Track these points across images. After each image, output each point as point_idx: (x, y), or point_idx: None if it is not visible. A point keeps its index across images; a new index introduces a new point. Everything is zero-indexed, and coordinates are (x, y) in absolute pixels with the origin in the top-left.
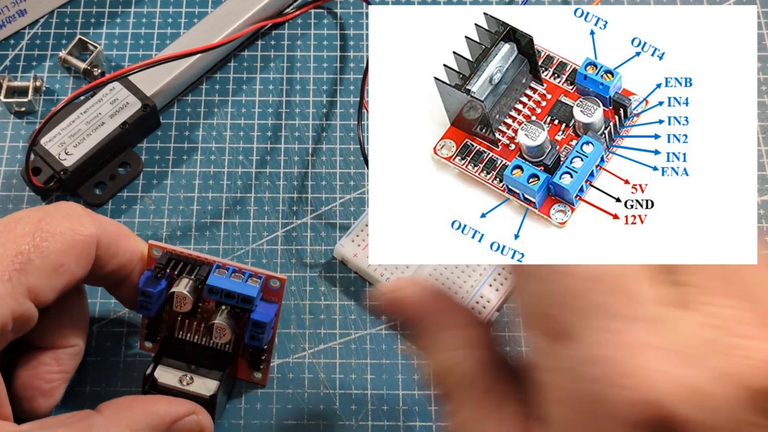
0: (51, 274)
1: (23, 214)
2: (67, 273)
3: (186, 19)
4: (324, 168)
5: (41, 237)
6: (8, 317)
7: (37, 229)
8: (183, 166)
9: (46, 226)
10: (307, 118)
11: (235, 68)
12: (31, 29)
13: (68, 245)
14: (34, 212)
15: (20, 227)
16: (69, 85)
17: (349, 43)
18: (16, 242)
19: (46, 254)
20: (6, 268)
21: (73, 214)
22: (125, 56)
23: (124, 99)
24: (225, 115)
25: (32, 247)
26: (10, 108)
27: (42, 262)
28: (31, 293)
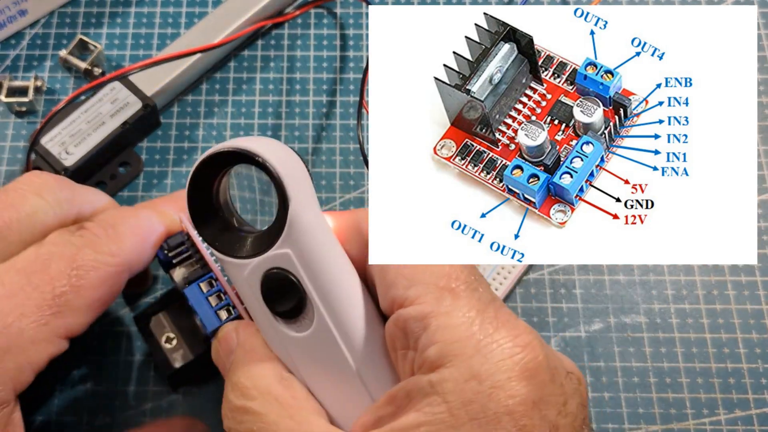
0: (87, 312)
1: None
2: (101, 306)
3: (186, 19)
4: (324, 168)
5: (77, 276)
6: (45, 361)
7: (72, 267)
8: (183, 165)
9: (80, 262)
10: (307, 118)
11: (235, 68)
12: (32, 29)
13: (102, 279)
14: (64, 247)
15: (54, 266)
16: (70, 84)
17: (349, 43)
18: (52, 284)
19: (82, 293)
20: (44, 313)
21: (99, 242)
22: (125, 56)
23: (124, 99)
24: (225, 115)
25: (69, 288)
26: (11, 108)
27: (79, 303)
28: (66, 332)
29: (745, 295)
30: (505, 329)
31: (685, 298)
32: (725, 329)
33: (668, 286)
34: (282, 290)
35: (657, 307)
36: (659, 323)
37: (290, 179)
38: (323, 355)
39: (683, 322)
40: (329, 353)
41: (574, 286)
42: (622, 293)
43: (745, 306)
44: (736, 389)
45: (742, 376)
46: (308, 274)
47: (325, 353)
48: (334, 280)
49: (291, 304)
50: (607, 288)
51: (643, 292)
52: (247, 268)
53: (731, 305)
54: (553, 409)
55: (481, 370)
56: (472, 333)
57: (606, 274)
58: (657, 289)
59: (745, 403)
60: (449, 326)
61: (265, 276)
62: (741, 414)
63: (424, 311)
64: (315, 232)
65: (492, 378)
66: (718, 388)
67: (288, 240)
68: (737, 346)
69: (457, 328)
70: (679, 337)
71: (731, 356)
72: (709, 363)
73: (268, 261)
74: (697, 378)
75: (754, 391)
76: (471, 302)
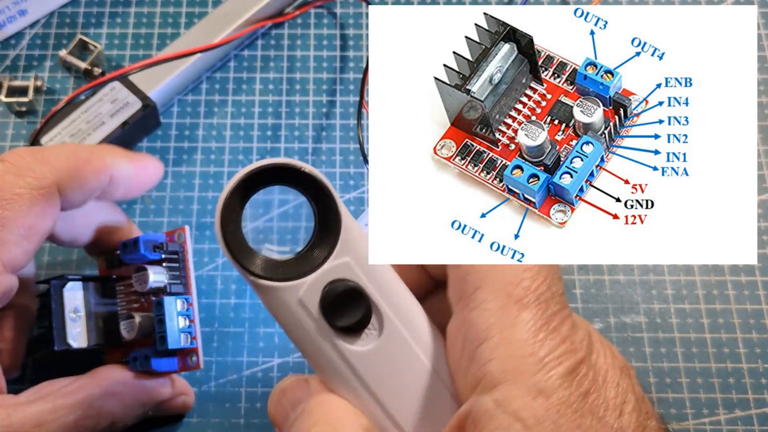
0: (21, 242)
1: None
2: (37, 233)
3: (186, 19)
4: (324, 168)
5: (1, 207)
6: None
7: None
8: (183, 165)
9: (0, 193)
10: (307, 118)
11: (235, 68)
12: (32, 29)
13: (30, 205)
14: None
15: None
16: (69, 84)
17: (349, 43)
18: None
19: (10, 224)
20: None
21: (23, 166)
22: (125, 56)
23: (124, 98)
24: (225, 115)
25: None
26: (11, 108)
27: (9, 235)
28: (7, 266)
29: (745, 295)
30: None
31: (685, 298)
32: (725, 329)
33: (668, 286)
34: (346, 302)
35: (657, 307)
36: (659, 323)
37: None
38: (396, 363)
39: (683, 322)
40: (402, 358)
41: (574, 286)
42: (622, 293)
43: (745, 306)
44: (736, 389)
45: (741, 376)
46: (370, 280)
47: (398, 359)
48: (393, 283)
49: (359, 315)
50: (607, 288)
51: (643, 292)
52: (301, 289)
53: (731, 305)
54: (614, 413)
55: (546, 387)
56: (534, 350)
57: (606, 274)
58: (657, 288)
59: (744, 403)
60: (511, 341)
61: (325, 292)
62: (741, 414)
63: (488, 321)
64: (365, 237)
65: (557, 395)
66: (717, 388)
67: (345, 248)
68: (737, 345)
69: (519, 343)
70: (679, 337)
71: (731, 356)
72: (708, 363)
73: (328, 274)
74: (696, 378)
75: (754, 391)
76: (537, 314)
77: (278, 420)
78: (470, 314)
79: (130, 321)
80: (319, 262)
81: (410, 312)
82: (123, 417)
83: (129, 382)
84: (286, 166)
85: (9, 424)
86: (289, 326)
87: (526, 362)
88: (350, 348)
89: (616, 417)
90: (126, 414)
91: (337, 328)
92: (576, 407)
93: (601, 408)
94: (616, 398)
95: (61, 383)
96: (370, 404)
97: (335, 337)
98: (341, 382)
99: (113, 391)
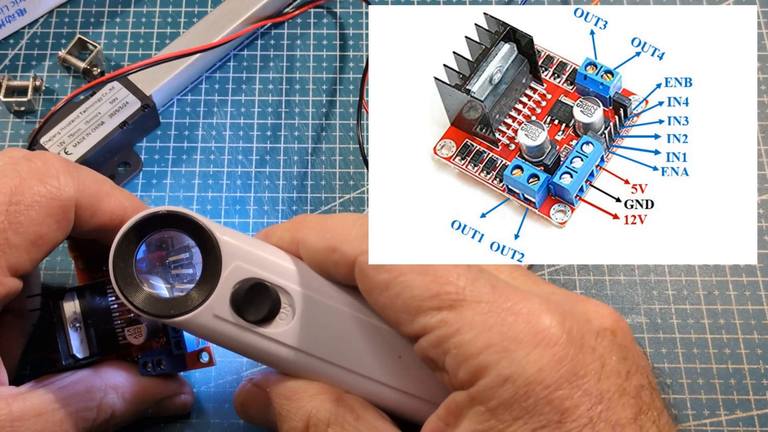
0: (30, 248)
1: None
2: (46, 243)
3: (186, 18)
4: (324, 168)
5: (16, 211)
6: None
7: (11, 201)
8: (183, 165)
9: (20, 197)
10: (306, 118)
11: (235, 68)
12: (31, 29)
13: (45, 214)
14: (6, 177)
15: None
16: (68, 84)
17: (349, 42)
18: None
19: (23, 230)
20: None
21: (49, 173)
22: (125, 56)
23: (123, 98)
24: (225, 115)
25: (8, 225)
26: (9, 107)
27: (20, 240)
28: (11, 270)
29: (746, 296)
30: (521, 318)
31: (686, 299)
32: (726, 330)
33: (669, 287)
34: (253, 296)
35: (658, 307)
36: (660, 323)
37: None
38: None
39: (684, 323)
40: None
41: (575, 286)
42: (623, 293)
43: (747, 306)
44: (738, 390)
45: (743, 377)
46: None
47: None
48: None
49: (270, 300)
50: (608, 288)
51: (644, 293)
52: (212, 305)
53: (732, 305)
54: (593, 378)
55: (510, 372)
56: (490, 340)
57: (606, 274)
58: (658, 289)
59: (746, 404)
60: (466, 343)
61: (232, 298)
62: (742, 415)
63: (436, 339)
64: (243, 237)
65: (522, 376)
66: (719, 389)
67: (230, 254)
68: (738, 346)
69: (474, 341)
70: (680, 338)
71: (732, 357)
72: (710, 364)
73: (226, 283)
74: (698, 379)
75: (756, 392)
76: (475, 307)
77: (261, 424)
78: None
79: (136, 327)
80: (215, 279)
81: (305, 275)
82: (123, 412)
83: (130, 376)
84: (164, 214)
85: (8, 413)
86: (222, 341)
87: (486, 357)
88: (279, 331)
89: (596, 382)
90: (126, 409)
91: (259, 320)
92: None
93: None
94: (593, 362)
95: (61, 375)
96: (328, 370)
97: (261, 329)
98: (293, 365)
99: (114, 384)
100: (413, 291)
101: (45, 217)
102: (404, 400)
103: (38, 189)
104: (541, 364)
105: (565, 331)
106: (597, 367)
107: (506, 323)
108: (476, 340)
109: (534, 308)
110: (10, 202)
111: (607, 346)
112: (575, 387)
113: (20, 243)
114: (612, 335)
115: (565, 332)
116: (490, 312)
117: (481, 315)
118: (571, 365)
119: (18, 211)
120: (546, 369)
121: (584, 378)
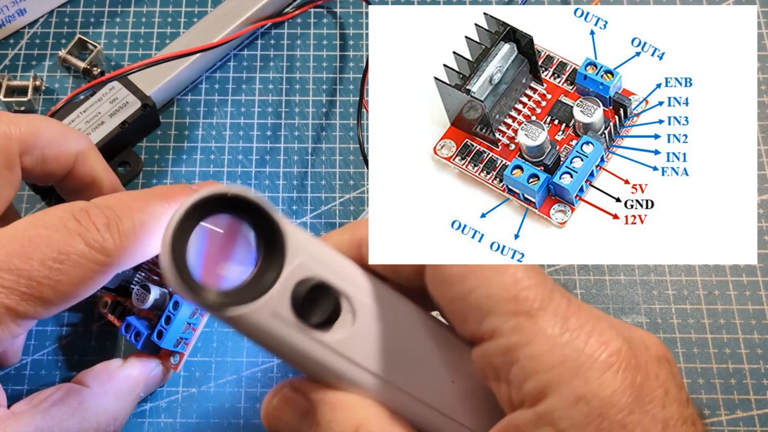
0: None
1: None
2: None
3: (186, 18)
4: (324, 167)
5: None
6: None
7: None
8: (183, 165)
9: (65, 255)
10: (306, 118)
11: (235, 68)
12: (31, 28)
13: (84, 278)
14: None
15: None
16: (68, 84)
17: (349, 42)
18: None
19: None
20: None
21: (98, 236)
22: (125, 56)
23: (123, 98)
24: (225, 115)
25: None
26: (9, 107)
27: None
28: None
29: (746, 296)
30: (594, 339)
31: (686, 299)
32: (727, 330)
33: (669, 287)
34: (316, 298)
35: (658, 307)
36: (660, 323)
37: None
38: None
39: (684, 323)
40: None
41: (575, 286)
42: (623, 293)
43: (747, 306)
44: (738, 390)
45: (743, 377)
46: (328, 270)
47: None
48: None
49: (332, 304)
50: (608, 288)
51: (644, 293)
52: (272, 300)
53: (733, 305)
54: (658, 405)
55: (585, 392)
56: (564, 356)
57: (607, 274)
58: (658, 289)
59: (746, 404)
60: (537, 355)
61: (293, 296)
62: (742, 415)
63: (506, 345)
64: (307, 234)
65: (597, 397)
66: (719, 388)
67: (295, 249)
68: (739, 346)
69: (547, 355)
70: (680, 338)
71: (733, 357)
72: (710, 363)
73: (289, 279)
74: (698, 379)
75: (756, 392)
76: (552, 320)
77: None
78: (488, 347)
79: (143, 293)
80: (275, 274)
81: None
82: (120, 411)
83: (114, 376)
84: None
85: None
86: (274, 343)
87: (558, 372)
88: (336, 338)
89: (661, 409)
90: (122, 407)
91: (317, 324)
92: (619, 406)
93: (645, 401)
94: (657, 389)
95: (48, 392)
96: (378, 387)
97: (318, 334)
98: (343, 375)
99: (103, 390)
100: (491, 289)
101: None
102: (451, 427)
103: (83, 251)
104: (614, 387)
105: (634, 356)
106: (661, 394)
107: (581, 341)
108: (550, 353)
109: (605, 330)
110: None
111: (667, 373)
112: (645, 412)
113: None
114: (669, 364)
115: (634, 357)
116: (565, 327)
117: (558, 328)
118: (640, 390)
119: None
120: (619, 392)
121: (650, 404)
